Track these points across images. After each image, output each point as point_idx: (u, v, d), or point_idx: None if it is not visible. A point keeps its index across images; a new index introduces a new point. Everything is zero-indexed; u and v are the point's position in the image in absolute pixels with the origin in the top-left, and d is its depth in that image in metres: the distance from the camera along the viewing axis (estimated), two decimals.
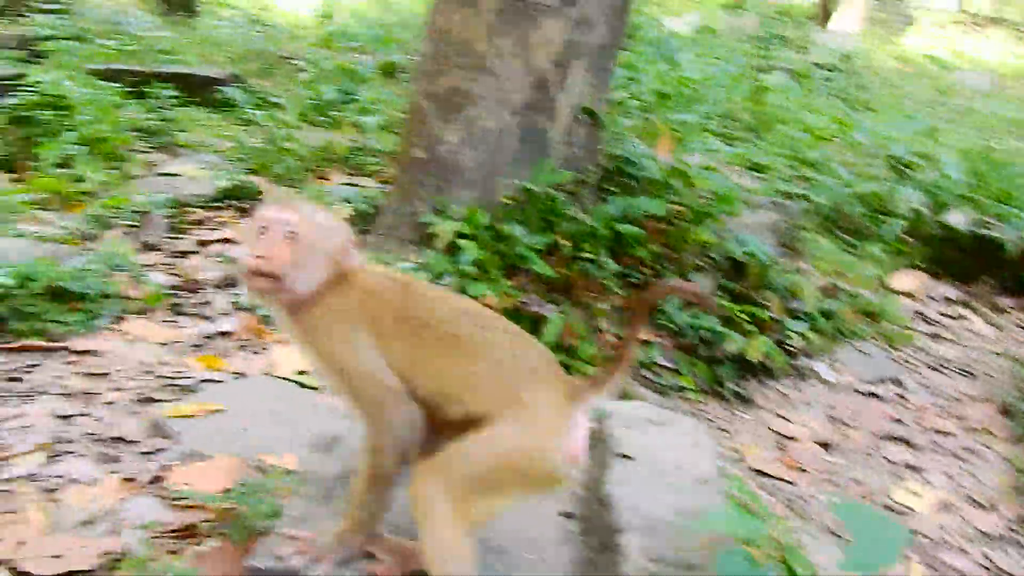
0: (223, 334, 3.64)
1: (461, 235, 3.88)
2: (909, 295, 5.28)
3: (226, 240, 4.54)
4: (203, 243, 4.48)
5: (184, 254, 4.35)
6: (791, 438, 3.74)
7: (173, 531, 2.38)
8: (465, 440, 1.83)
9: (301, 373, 3.42)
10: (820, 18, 22.13)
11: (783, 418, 3.90)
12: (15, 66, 6.71)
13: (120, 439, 2.78)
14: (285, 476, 2.56)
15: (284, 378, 3.33)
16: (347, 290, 1.94)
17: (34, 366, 3.13)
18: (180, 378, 3.21)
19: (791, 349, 4.23)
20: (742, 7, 20.51)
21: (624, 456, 2.49)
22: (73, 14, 8.71)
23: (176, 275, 4.07)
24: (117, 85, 6.39)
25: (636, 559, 2.05)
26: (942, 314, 5.19)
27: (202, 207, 4.94)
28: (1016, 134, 9.26)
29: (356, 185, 5.01)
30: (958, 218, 5.57)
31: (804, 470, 3.47)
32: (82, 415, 2.86)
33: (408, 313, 1.93)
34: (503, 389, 1.86)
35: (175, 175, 5.47)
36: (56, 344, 3.27)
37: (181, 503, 2.48)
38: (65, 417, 2.83)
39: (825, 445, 3.71)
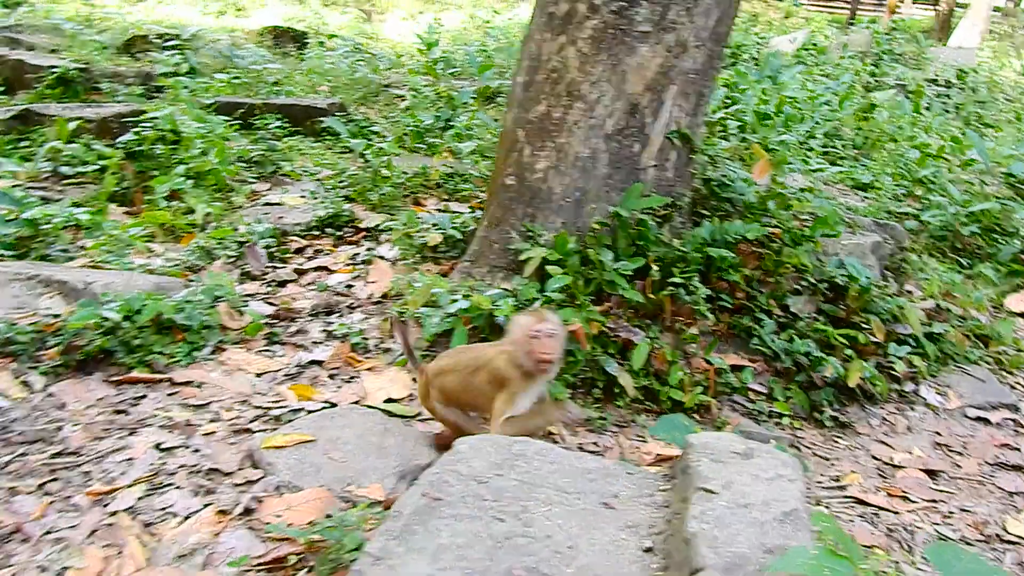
0: (316, 363, 3.73)
1: (549, 261, 3.87)
2: None
3: (322, 268, 4.66)
4: (300, 271, 4.61)
5: (283, 283, 4.49)
6: (895, 465, 3.57)
7: (264, 564, 2.44)
8: None
9: (390, 401, 3.47)
10: (939, 33, 21.29)
11: (886, 445, 3.73)
12: (136, 102, 7.10)
13: (216, 470, 2.87)
14: (370, 508, 2.59)
15: (374, 407, 3.38)
16: None
17: (140, 398, 3.27)
18: (274, 408, 3.31)
19: (895, 374, 4.05)
20: (855, 23, 19.94)
21: (707, 491, 2.41)
22: (192, 50, 9.14)
23: (274, 304, 4.19)
24: (227, 118, 6.70)
25: None
26: None
27: (301, 235, 5.08)
28: None
29: (449, 211, 5.07)
30: None
31: (909, 499, 3.30)
32: (182, 447, 2.98)
33: None
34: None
35: (278, 204, 5.66)
36: (160, 376, 3.42)
37: (271, 535, 2.55)
38: (166, 449, 2.95)
39: (932, 473, 3.52)
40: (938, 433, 3.85)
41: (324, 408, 3.34)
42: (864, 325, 4.14)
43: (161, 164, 5.62)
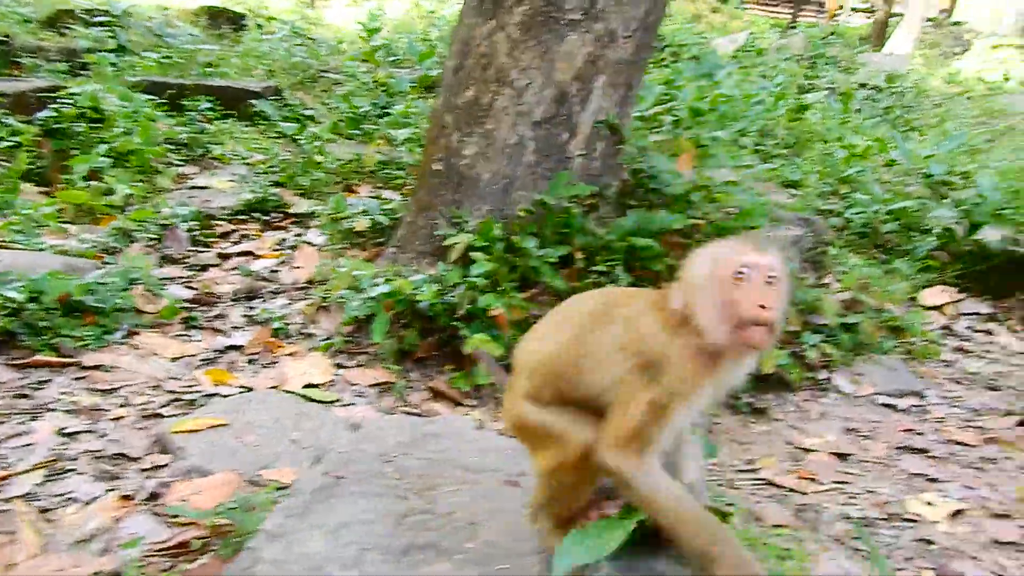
0: (235, 348, 3.66)
1: (474, 247, 3.85)
2: (938, 310, 5.14)
3: (247, 253, 4.57)
4: (224, 256, 4.52)
5: (205, 267, 4.40)
6: (807, 449, 3.65)
7: (167, 549, 2.38)
8: None
9: (310, 387, 3.42)
10: (875, 40, 21.86)
11: (799, 430, 3.81)
12: (58, 78, 6.86)
13: (123, 456, 2.79)
14: (277, 491, 2.54)
15: (292, 392, 3.33)
16: None
17: (44, 382, 3.16)
18: (188, 393, 3.23)
19: (809, 362, 4.13)
20: (795, 27, 20.33)
21: None
22: (122, 27, 8.88)
23: (194, 288, 4.10)
24: (155, 98, 6.52)
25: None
26: (971, 329, 5.04)
27: (227, 219, 4.99)
28: None
29: (381, 198, 5.01)
30: (991, 235, 5.41)
31: (818, 481, 3.38)
32: (87, 432, 2.89)
33: None
34: None
35: (205, 187, 5.54)
36: (67, 359, 3.30)
37: (176, 520, 2.48)
38: (70, 434, 2.85)
39: (841, 456, 3.61)
40: (849, 419, 3.94)
41: (240, 393, 3.27)
42: None
43: (81, 143, 5.45)
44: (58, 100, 5.57)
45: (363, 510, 2.15)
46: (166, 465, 2.76)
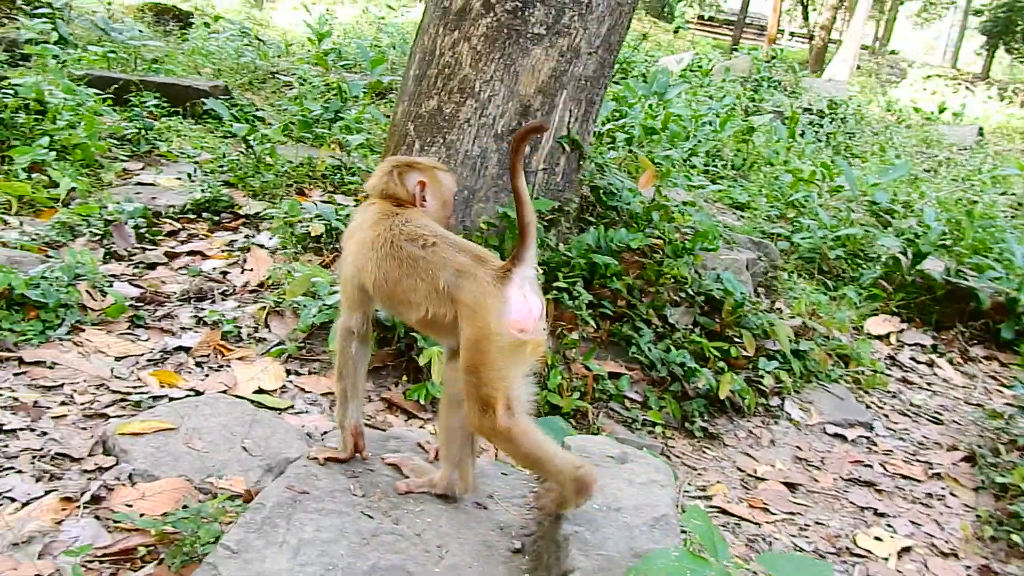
0: (183, 349, 3.55)
1: None
2: (883, 339, 5.26)
3: (196, 252, 4.45)
4: (171, 255, 4.39)
5: (152, 265, 4.26)
6: (758, 477, 3.68)
7: (110, 555, 2.28)
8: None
9: (260, 392, 3.33)
10: (813, 65, 22.55)
11: (751, 457, 3.84)
12: None
13: (64, 456, 2.67)
14: (229, 500, 2.46)
15: (242, 397, 3.23)
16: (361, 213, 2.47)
17: None
18: (134, 394, 3.11)
19: (762, 388, 4.18)
20: (737, 49, 20.80)
21: None
22: (63, 20, 8.63)
23: (140, 287, 3.97)
24: (99, 92, 6.34)
25: None
26: (914, 360, 5.17)
27: (175, 218, 4.85)
28: (995, 188, 9.32)
29: (334, 203, 4.93)
30: (934, 266, 5.57)
31: (769, 510, 3.41)
32: (27, 429, 2.76)
33: (371, 239, 2.33)
34: (440, 295, 2.20)
35: (151, 184, 5.39)
36: (7, 354, 3.16)
37: (120, 525, 2.38)
38: (8, 431, 2.72)
39: (791, 486, 3.65)
40: (799, 447, 4.00)
41: (188, 396, 3.16)
42: (736, 339, 4.26)
43: (23, 134, 5.26)
44: (1, 90, 5.37)
45: (327, 528, 2.10)
46: (110, 467, 2.64)
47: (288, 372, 3.54)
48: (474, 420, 2.16)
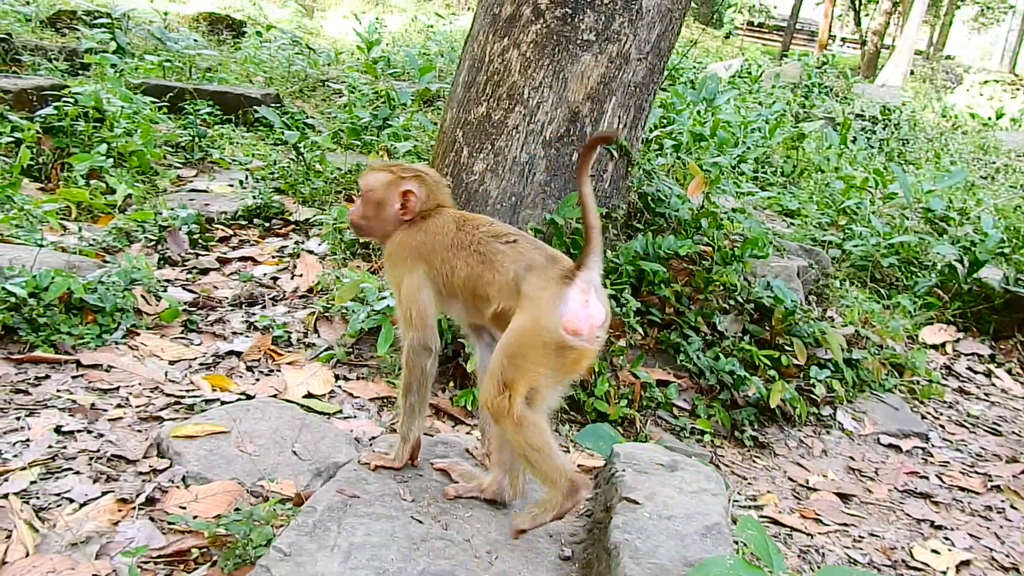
0: (235, 354, 3.60)
1: None
2: (938, 349, 5.14)
3: (247, 258, 4.52)
4: (223, 260, 4.47)
5: (204, 271, 4.34)
6: (810, 488, 3.62)
7: (164, 556, 2.32)
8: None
9: (309, 397, 3.37)
10: (865, 71, 22.18)
11: (802, 467, 3.78)
12: (59, 77, 6.82)
13: (120, 458, 2.73)
14: (280, 504, 2.49)
15: (292, 402, 3.27)
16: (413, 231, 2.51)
17: (42, 378, 3.09)
18: (187, 397, 3.17)
19: (813, 397, 4.11)
20: (787, 55, 20.56)
21: (631, 501, 2.39)
22: (122, 29, 8.85)
23: (193, 292, 4.04)
24: (155, 100, 6.49)
25: None
26: (971, 370, 5.04)
27: (227, 224, 4.93)
28: None
29: None
30: (992, 275, 5.43)
31: (822, 521, 3.34)
32: (84, 431, 2.82)
33: (456, 241, 2.41)
34: (510, 287, 2.27)
35: (204, 191, 5.49)
36: (66, 357, 3.24)
37: (174, 527, 2.42)
38: (67, 432, 2.79)
39: (844, 497, 3.58)
40: (852, 458, 3.92)
41: (240, 400, 3.21)
42: (787, 347, 4.20)
43: (81, 142, 5.39)
44: (60, 98, 5.51)
45: (378, 532, 2.11)
46: (164, 470, 2.69)
47: (336, 377, 3.57)
48: (488, 395, 2.20)
